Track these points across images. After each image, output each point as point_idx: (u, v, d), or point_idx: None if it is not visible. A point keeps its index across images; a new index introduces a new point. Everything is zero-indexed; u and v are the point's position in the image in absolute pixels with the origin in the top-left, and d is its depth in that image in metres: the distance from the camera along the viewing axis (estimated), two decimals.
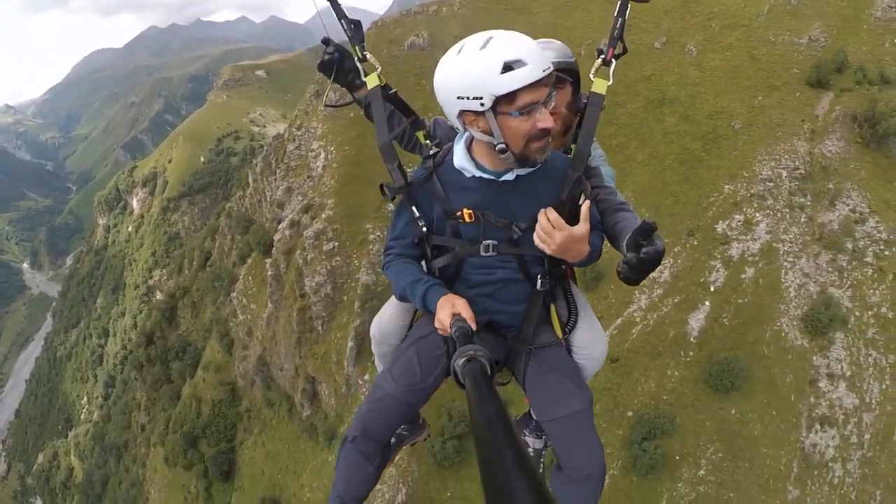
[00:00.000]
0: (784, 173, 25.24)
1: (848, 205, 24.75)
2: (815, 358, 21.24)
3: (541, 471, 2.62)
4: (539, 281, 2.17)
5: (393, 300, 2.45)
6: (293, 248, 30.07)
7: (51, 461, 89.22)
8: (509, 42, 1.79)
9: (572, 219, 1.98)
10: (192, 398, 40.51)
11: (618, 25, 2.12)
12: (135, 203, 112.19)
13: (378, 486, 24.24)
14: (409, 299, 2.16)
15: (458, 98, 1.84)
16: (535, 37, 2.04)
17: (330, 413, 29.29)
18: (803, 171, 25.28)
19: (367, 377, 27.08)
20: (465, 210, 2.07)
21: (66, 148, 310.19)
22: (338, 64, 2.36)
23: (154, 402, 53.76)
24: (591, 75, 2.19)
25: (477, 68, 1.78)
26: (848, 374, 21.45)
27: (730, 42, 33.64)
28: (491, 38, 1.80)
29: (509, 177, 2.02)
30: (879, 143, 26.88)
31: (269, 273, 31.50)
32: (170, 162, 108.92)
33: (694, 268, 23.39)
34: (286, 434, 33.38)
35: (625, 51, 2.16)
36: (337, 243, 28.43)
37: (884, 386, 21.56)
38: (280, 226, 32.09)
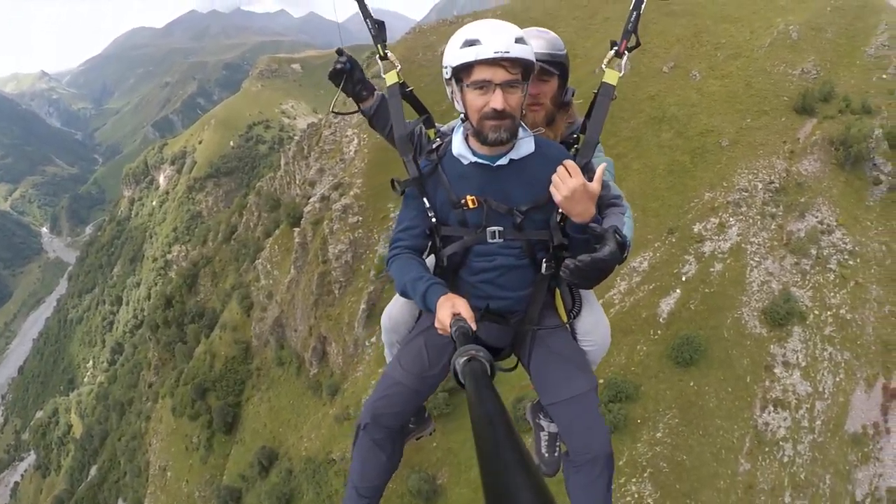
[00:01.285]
0: (760, 185, 28.11)
1: (816, 217, 27.46)
2: (772, 346, 23.86)
3: (556, 454, 2.73)
4: (544, 265, 2.24)
5: None
6: (321, 219, 33.53)
7: (50, 416, 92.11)
8: (480, 25, 1.99)
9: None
10: (207, 353, 43.66)
11: (632, 19, 2.22)
12: (162, 179, 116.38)
13: None
14: (410, 296, 2.18)
15: (442, 66, 2.08)
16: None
17: (336, 371, 32.29)
18: (778, 185, 28.10)
19: (373, 339, 30.02)
20: (469, 197, 2.15)
21: (97, 120, 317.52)
22: (348, 73, 2.47)
23: (165, 362, 56.67)
24: (604, 66, 2.27)
25: (451, 42, 2.03)
26: (803, 364, 23.93)
27: (730, 70, 36.50)
28: (474, 21, 2.06)
29: (503, 161, 2.12)
30: (854, 164, 29.32)
31: (297, 240, 34.89)
32: (200, 143, 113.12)
33: (670, 260, 26.23)
34: (292, 390, 36.29)
35: (637, 44, 2.25)
36: (361, 218, 31.82)
37: (837, 379, 23.98)
38: (311, 199, 35.58)
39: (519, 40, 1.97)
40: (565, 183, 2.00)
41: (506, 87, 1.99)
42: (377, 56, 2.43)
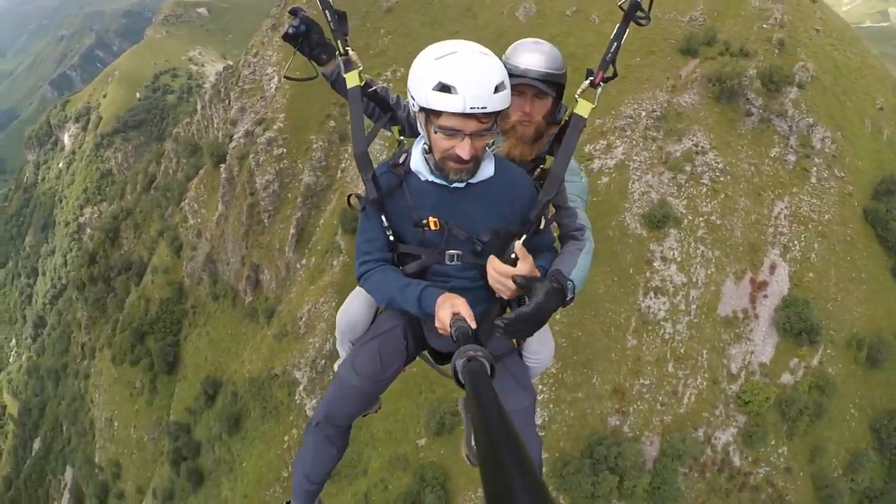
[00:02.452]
0: (643, 113, 32.06)
1: (692, 140, 31.67)
2: (651, 245, 28.12)
3: None
4: None
5: (360, 291, 2.49)
6: (246, 153, 34.73)
7: None
8: (458, 66, 1.86)
9: (536, 234, 2.23)
10: (141, 298, 44.02)
11: (612, 49, 2.24)
12: (66, 139, 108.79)
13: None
14: (396, 306, 2.16)
15: (408, 91, 2.00)
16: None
17: (270, 296, 34.28)
18: (659, 114, 32.15)
19: (304, 261, 32.23)
20: (431, 218, 2.13)
21: None
22: (304, 37, 2.38)
23: (95, 320, 55.60)
24: (577, 96, 2.27)
25: (421, 75, 1.91)
26: (678, 259, 28.25)
27: None
28: (452, 53, 1.91)
29: (459, 184, 2.09)
30: (730, 99, 33.25)
31: (223, 176, 35.93)
32: (104, 97, 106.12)
33: None
34: (229, 321, 37.84)
35: (615, 75, 2.27)
36: (285, 150, 33.43)
37: (709, 272, 28.49)
38: (235, 136, 36.51)
39: (498, 88, 1.90)
40: (492, 277, 2.06)
41: (475, 136, 1.95)
42: (336, 52, 2.33)
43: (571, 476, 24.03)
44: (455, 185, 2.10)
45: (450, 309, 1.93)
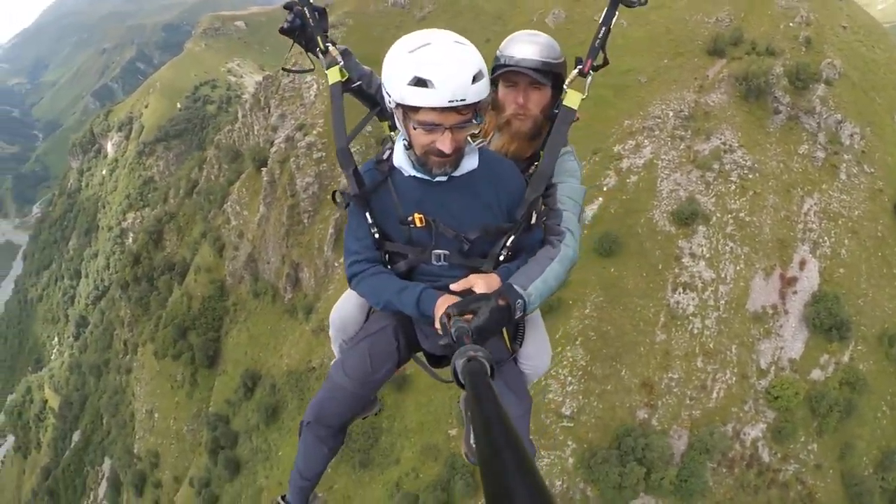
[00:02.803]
0: (671, 113, 32.63)
1: (720, 139, 32.00)
2: (680, 241, 28.51)
3: None
4: None
5: (352, 291, 2.42)
6: (287, 157, 36.61)
7: (24, 396, 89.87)
8: (433, 58, 1.80)
9: (525, 231, 2.19)
10: (184, 296, 46.07)
11: (600, 35, 2.14)
12: (109, 147, 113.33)
13: None
14: (392, 309, 2.16)
15: (383, 87, 1.95)
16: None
17: (309, 293, 35.82)
18: (687, 114, 32.68)
19: (342, 259, 33.66)
20: (417, 215, 2.10)
21: (33, 95, 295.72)
22: (299, 30, 2.39)
23: (138, 318, 57.61)
24: (566, 86, 2.22)
25: (395, 70, 1.86)
26: (707, 255, 28.51)
27: (653, 19, 40.34)
28: (425, 45, 1.85)
29: (442, 178, 2.06)
30: (758, 97, 33.41)
31: (265, 179, 37.83)
32: (146, 107, 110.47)
33: (593, 175, 30.46)
34: (269, 318, 39.36)
35: (605, 62, 2.16)
36: (324, 153, 35.18)
37: (738, 268, 28.66)
38: (276, 141, 38.49)
39: (476, 77, 1.84)
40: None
41: (455, 128, 1.91)
42: (317, 49, 2.38)
43: (599, 466, 24.52)
44: (438, 178, 2.07)
45: None
